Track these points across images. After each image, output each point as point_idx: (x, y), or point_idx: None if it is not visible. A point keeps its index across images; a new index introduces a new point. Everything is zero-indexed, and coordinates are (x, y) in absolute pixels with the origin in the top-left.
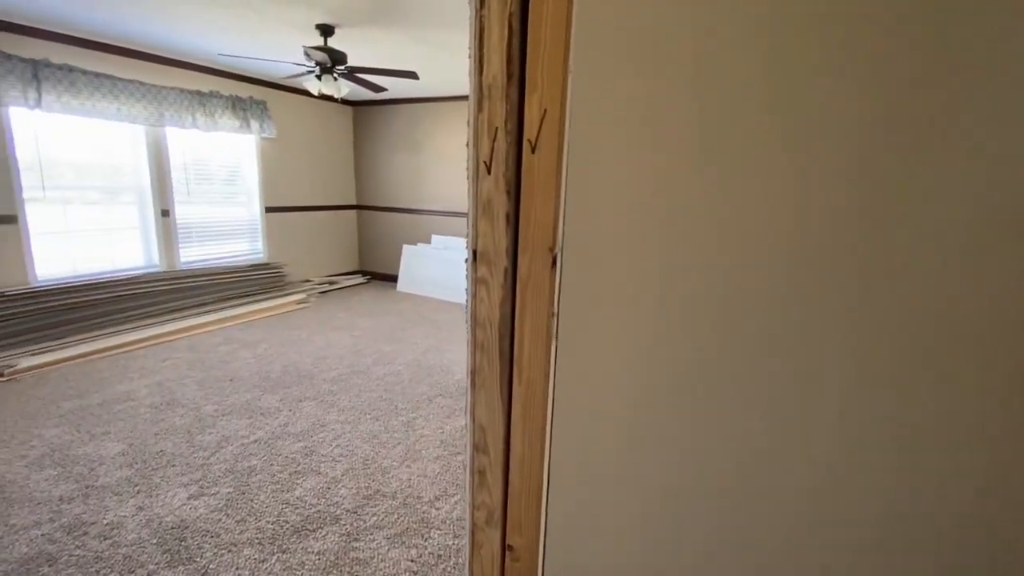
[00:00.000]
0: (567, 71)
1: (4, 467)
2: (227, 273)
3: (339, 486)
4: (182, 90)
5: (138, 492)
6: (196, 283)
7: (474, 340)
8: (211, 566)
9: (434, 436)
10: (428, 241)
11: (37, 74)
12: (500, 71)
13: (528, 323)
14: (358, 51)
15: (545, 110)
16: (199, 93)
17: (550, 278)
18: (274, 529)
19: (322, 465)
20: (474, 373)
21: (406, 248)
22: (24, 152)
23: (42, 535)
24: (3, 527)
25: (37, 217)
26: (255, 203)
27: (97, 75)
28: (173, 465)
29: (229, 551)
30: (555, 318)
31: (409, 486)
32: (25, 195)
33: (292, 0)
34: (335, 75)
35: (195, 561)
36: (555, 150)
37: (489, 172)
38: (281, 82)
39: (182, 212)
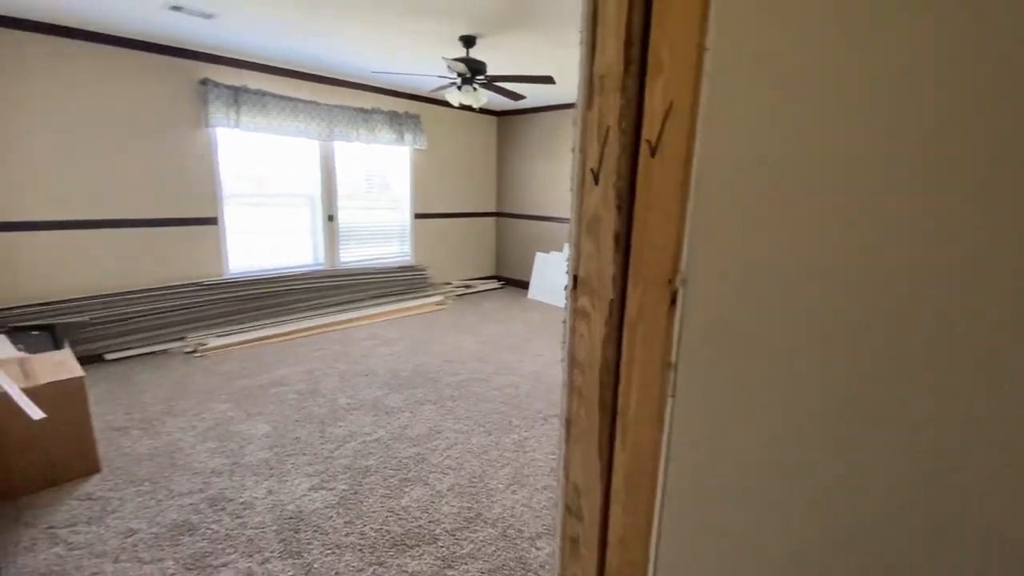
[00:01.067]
0: (702, 47)
1: (179, 435)
2: (378, 273)
3: (443, 502)
4: (348, 108)
5: (271, 476)
6: (352, 281)
7: (570, 383)
8: (315, 564)
9: (544, 463)
10: (560, 250)
11: (237, 99)
12: (616, 56)
13: (636, 372)
14: (496, 60)
15: (671, 102)
16: (362, 110)
17: (667, 318)
18: (376, 538)
19: (431, 475)
20: (569, 423)
21: (539, 256)
22: (223, 164)
23: (190, 504)
24: (165, 491)
25: (231, 219)
26: (406, 209)
27: (283, 98)
28: (304, 454)
29: (333, 552)
30: (672, 370)
31: (512, 515)
32: (223, 200)
33: (438, 13)
34: (474, 85)
35: (303, 556)
36: (681, 153)
37: (596, 182)
38: (430, 96)
39: (344, 217)
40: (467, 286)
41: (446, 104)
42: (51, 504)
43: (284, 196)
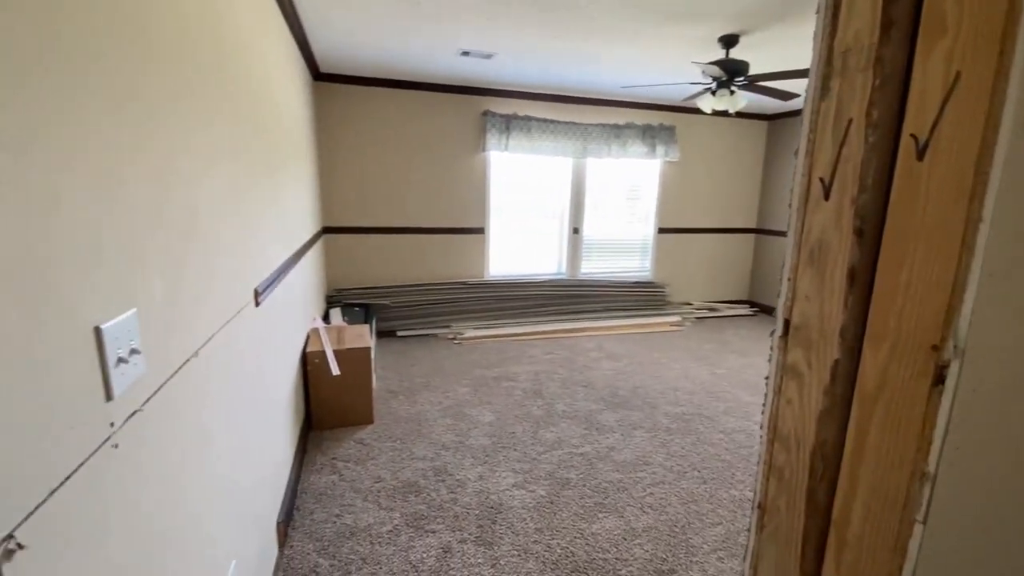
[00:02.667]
0: None
1: (428, 407)
2: (614, 287)
3: (635, 542)
4: (602, 125)
5: (485, 462)
6: (588, 292)
7: (768, 459)
8: (502, 560)
9: None
10: None
11: (509, 125)
12: (870, 19)
13: (868, 471)
14: (761, 57)
15: (957, 74)
16: (616, 126)
17: (925, 401)
18: (560, 555)
19: (628, 508)
20: (763, 510)
21: None
22: (492, 182)
23: (421, 469)
24: (408, 452)
25: (494, 229)
26: (650, 223)
27: (544, 121)
28: (515, 449)
29: (519, 554)
30: (927, 482)
31: None
32: (490, 213)
33: (693, 17)
34: (732, 88)
35: (493, 548)
36: (970, 152)
37: (827, 196)
38: (684, 104)
39: (588, 229)
40: (710, 309)
41: (704, 113)
42: (337, 440)
43: (537, 209)
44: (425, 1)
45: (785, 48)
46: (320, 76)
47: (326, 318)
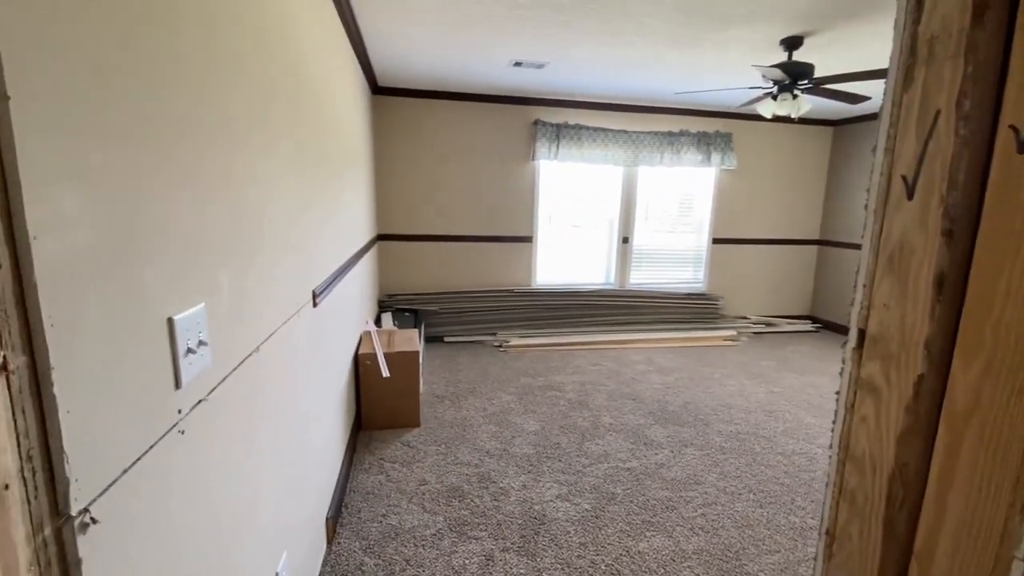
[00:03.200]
0: None
1: (474, 412)
2: (665, 298)
3: (684, 564)
4: (655, 133)
5: (529, 471)
6: (637, 303)
7: (839, 482)
8: (545, 572)
9: None
10: None
11: (559, 134)
12: (960, 4)
13: (958, 500)
14: (827, 58)
15: None
16: (669, 133)
17: None
18: (603, 573)
19: (677, 528)
20: (831, 536)
21: None
22: (541, 191)
23: (465, 474)
24: (453, 457)
25: (541, 237)
26: (704, 233)
27: (595, 129)
28: (559, 460)
29: (561, 568)
30: None
31: None
32: (538, 222)
33: (753, 19)
34: (795, 92)
35: (535, 559)
36: None
37: (911, 195)
38: (742, 111)
39: (638, 239)
40: (768, 323)
41: (764, 118)
42: (385, 441)
43: (586, 218)
44: (480, 13)
45: (854, 48)
46: (379, 90)
47: (378, 322)
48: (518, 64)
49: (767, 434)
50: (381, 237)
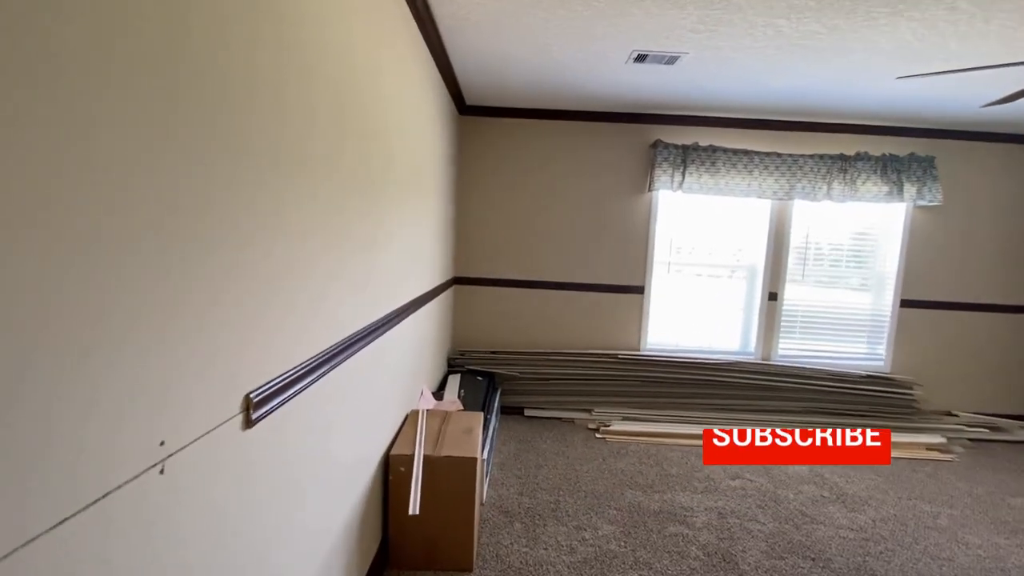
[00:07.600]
0: None
1: (555, 554)
2: (831, 379)
3: None
4: (820, 156)
5: None
6: (788, 384)
7: None
8: None
9: None
10: None
11: (685, 158)
12: None
13: None
14: None
15: None
16: (841, 157)
17: None
18: None
19: None
20: None
21: None
22: (659, 230)
23: None
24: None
25: (656, 289)
26: (886, 292)
27: (735, 152)
28: None
29: None
30: None
31: None
32: (652, 268)
33: None
34: None
35: None
36: None
37: None
38: (955, 127)
39: (791, 295)
40: (989, 427)
41: (987, 137)
42: None
43: (718, 266)
44: None
45: None
46: (466, 110)
47: (442, 386)
48: (641, 58)
49: None
50: (457, 280)
